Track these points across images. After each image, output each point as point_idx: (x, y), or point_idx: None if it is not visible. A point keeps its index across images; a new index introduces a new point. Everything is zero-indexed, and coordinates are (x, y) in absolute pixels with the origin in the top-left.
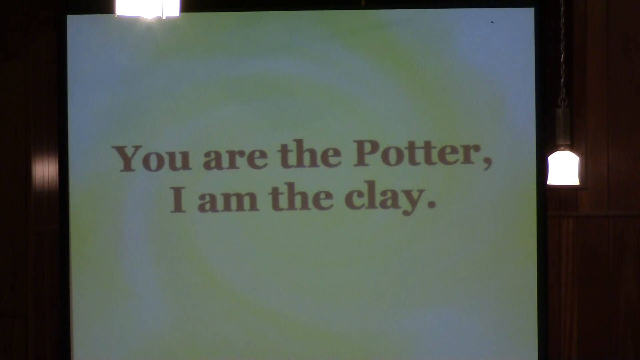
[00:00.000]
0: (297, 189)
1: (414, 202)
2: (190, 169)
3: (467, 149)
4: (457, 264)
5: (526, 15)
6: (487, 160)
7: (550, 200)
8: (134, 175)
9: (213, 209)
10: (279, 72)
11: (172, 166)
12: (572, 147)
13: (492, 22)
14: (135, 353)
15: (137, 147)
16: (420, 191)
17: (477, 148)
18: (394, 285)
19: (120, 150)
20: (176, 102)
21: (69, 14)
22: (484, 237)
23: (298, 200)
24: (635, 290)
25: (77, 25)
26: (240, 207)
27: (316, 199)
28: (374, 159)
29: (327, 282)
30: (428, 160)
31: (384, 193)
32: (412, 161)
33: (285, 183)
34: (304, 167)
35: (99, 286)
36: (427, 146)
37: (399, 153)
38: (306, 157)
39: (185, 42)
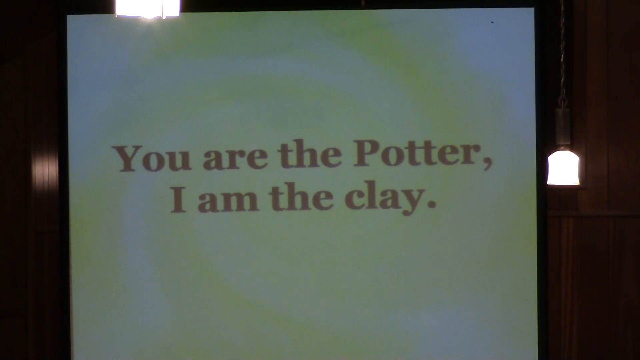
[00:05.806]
0: (297, 189)
1: (414, 202)
2: (190, 169)
3: (467, 149)
4: (457, 264)
5: (526, 15)
6: (487, 160)
7: (550, 200)
8: (134, 175)
9: (213, 209)
10: (279, 72)
11: (172, 166)
12: (572, 147)
13: (492, 22)
14: (135, 353)
15: (137, 147)
16: (420, 191)
17: (477, 148)
18: (394, 285)
19: (120, 150)
20: (176, 102)
21: (69, 14)
22: (484, 237)
23: (298, 200)
24: (635, 290)
25: (77, 25)
26: (240, 207)
27: (316, 199)
28: (374, 159)
29: (327, 282)
30: (428, 160)
31: (384, 193)
32: (412, 161)
33: (285, 183)
34: (304, 167)
35: (99, 286)
36: (427, 146)
37: (399, 153)
38: (306, 157)
39: (185, 42)
